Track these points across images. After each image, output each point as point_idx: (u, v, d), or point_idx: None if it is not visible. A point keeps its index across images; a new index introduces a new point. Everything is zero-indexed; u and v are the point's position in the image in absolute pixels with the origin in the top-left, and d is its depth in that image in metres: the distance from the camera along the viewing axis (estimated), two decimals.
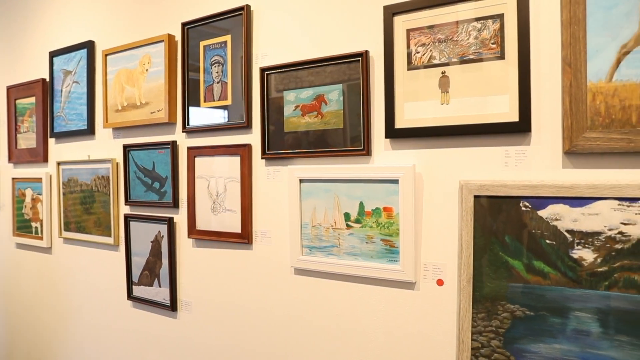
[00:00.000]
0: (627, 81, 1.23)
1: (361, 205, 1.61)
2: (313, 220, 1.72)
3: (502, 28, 1.37)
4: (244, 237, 1.92)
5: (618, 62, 1.24)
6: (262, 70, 1.83)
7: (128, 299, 2.40)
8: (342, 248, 1.66)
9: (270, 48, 1.87)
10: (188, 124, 2.10)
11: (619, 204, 1.24)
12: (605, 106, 1.25)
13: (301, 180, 1.73)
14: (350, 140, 1.64)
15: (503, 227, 1.38)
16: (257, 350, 1.93)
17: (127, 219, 2.37)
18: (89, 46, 2.55)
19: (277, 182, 1.85)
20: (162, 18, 2.25)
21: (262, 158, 1.86)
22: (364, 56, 1.58)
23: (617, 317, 1.24)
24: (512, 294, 1.37)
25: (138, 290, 2.36)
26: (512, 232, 1.37)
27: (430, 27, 1.48)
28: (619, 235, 1.24)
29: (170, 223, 2.18)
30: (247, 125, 1.90)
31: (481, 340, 1.42)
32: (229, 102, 1.96)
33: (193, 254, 2.14)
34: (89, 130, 2.55)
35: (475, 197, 1.40)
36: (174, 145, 2.16)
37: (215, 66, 1.99)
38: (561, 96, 1.30)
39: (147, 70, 2.24)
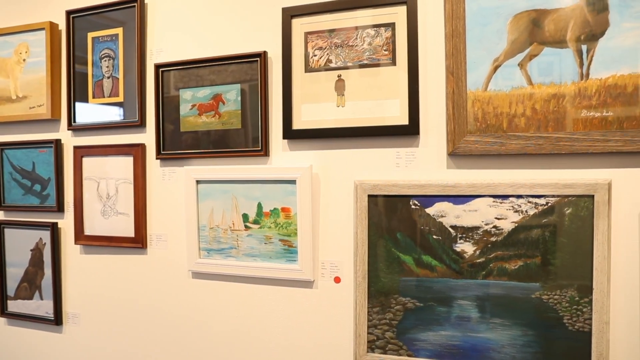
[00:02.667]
0: (499, 91, 1.37)
1: (259, 206, 1.60)
2: (211, 222, 1.68)
3: (393, 36, 1.45)
4: (138, 242, 1.82)
5: (492, 73, 1.37)
6: (157, 66, 1.75)
7: (1, 315, 2.15)
8: (240, 249, 1.64)
9: (166, 44, 1.79)
10: (74, 121, 1.94)
11: (494, 201, 1.37)
12: (482, 112, 1.38)
13: (198, 182, 1.68)
14: (248, 140, 1.62)
15: (395, 225, 1.46)
16: (155, 358, 1.84)
17: (1, 225, 2.12)
18: None
19: (173, 183, 1.77)
20: (44, 3, 2.04)
21: (157, 158, 1.77)
22: (262, 57, 1.58)
23: (492, 303, 1.38)
24: (403, 287, 1.46)
25: (14, 305, 2.12)
26: (403, 229, 1.45)
27: (331, 31, 1.52)
28: (493, 229, 1.37)
29: (53, 229, 1.99)
30: (140, 124, 1.80)
31: (376, 332, 1.49)
32: (120, 98, 1.84)
33: (81, 262, 1.98)
34: None
35: (369, 196, 1.47)
36: (57, 144, 1.98)
37: (106, 60, 1.86)
38: (445, 102, 1.41)
39: (24, 60, 2.02)
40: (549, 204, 1.33)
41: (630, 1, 1.26)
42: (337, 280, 1.56)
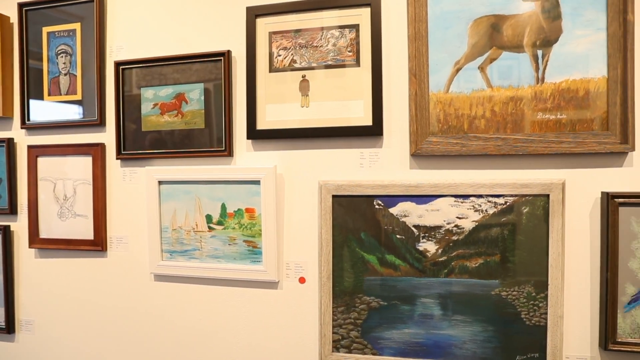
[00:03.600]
0: (460, 93, 1.40)
1: (223, 206, 1.58)
2: (173, 223, 1.65)
3: (357, 37, 1.47)
4: (97, 244, 1.76)
5: (453, 76, 1.40)
6: (118, 64, 1.70)
7: None
8: (204, 251, 1.62)
9: (127, 41, 1.74)
10: (28, 120, 1.86)
11: (455, 201, 1.40)
12: (444, 114, 1.41)
13: (160, 182, 1.65)
14: (212, 141, 1.60)
15: (359, 225, 1.47)
16: None
17: None
18: None
19: (134, 184, 1.73)
20: None
21: (117, 158, 1.72)
22: (225, 56, 1.56)
23: (454, 300, 1.41)
24: (368, 286, 1.47)
25: None
26: (367, 229, 1.47)
27: (296, 31, 1.51)
28: (455, 228, 1.40)
29: (5, 232, 1.90)
30: (100, 123, 1.74)
31: (341, 332, 1.49)
32: (78, 96, 1.78)
33: (36, 266, 1.90)
34: None
35: (334, 196, 1.48)
36: (9, 142, 1.89)
37: (62, 56, 1.79)
38: (408, 103, 1.43)
39: None
40: (508, 204, 1.37)
41: (581, 10, 1.32)
42: (302, 280, 1.56)
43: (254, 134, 1.55)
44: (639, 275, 1.30)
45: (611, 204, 1.30)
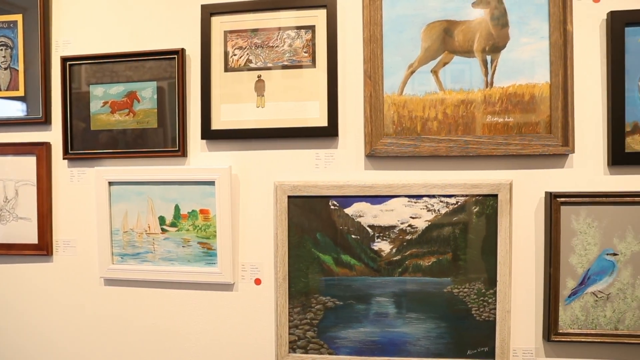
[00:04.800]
0: (413, 95, 1.43)
1: (177, 208, 1.55)
2: (125, 225, 1.59)
3: (313, 39, 1.47)
4: (42, 248, 1.68)
5: (407, 78, 1.43)
6: (64, 59, 1.63)
7: None
8: (157, 253, 1.58)
9: (74, 36, 1.67)
10: None
11: (409, 201, 1.43)
12: (398, 116, 1.44)
13: (110, 183, 1.59)
14: (165, 140, 1.56)
15: (315, 225, 1.48)
16: None
17: None
18: None
19: (82, 185, 1.66)
20: None
21: (64, 158, 1.65)
22: (179, 54, 1.53)
23: (408, 298, 1.44)
24: (324, 286, 1.48)
25: None
26: (323, 229, 1.47)
27: (253, 30, 1.50)
28: (409, 228, 1.44)
29: None
30: (45, 121, 1.66)
31: (297, 333, 1.49)
32: (21, 92, 1.69)
33: None
34: None
35: (289, 197, 1.47)
36: None
37: (2, 49, 1.70)
38: (363, 105, 1.45)
39: None
40: (459, 203, 1.41)
41: (527, 19, 1.38)
42: (258, 282, 1.55)
43: (208, 134, 1.52)
44: (578, 270, 1.38)
45: (554, 203, 1.36)
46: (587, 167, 1.40)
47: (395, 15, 1.44)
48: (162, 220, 1.56)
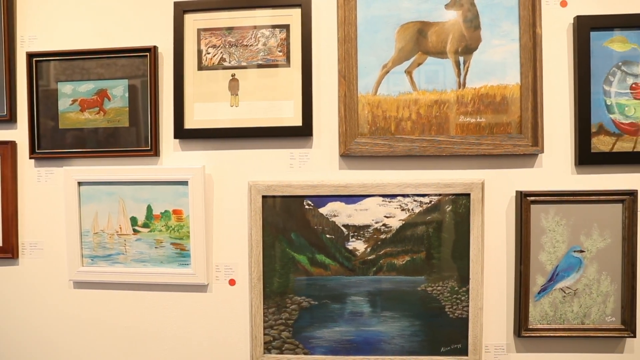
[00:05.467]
0: (387, 95, 1.44)
1: (149, 208, 1.52)
2: (95, 226, 1.56)
3: (288, 38, 1.46)
4: (7, 251, 1.62)
5: (381, 79, 1.44)
6: (30, 55, 1.58)
7: None
8: (129, 255, 1.55)
9: (41, 31, 1.62)
10: None
11: (383, 200, 1.44)
12: (372, 116, 1.44)
13: (80, 183, 1.55)
14: (138, 140, 1.53)
15: (289, 225, 1.47)
16: None
17: None
18: None
19: (50, 185, 1.61)
20: None
21: (30, 158, 1.60)
22: (152, 52, 1.50)
23: (383, 297, 1.46)
24: (298, 286, 1.48)
25: None
26: (298, 229, 1.47)
27: (228, 29, 1.48)
28: (383, 227, 1.45)
29: None
30: (10, 119, 1.61)
31: (272, 333, 1.49)
32: None
33: None
34: None
35: (264, 197, 1.47)
36: None
37: None
38: (338, 105, 1.45)
39: None
40: (432, 202, 1.43)
41: (498, 22, 1.41)
42: (232, 282, 1.53)
43: (181, 133, 1.50)
44: (547, 267, 1.41)
45: (524, 202, 1.39)
46: (556, 167, 1.43)
47: (370, 15, 1.44)
48: (134, 221, 1.53)
